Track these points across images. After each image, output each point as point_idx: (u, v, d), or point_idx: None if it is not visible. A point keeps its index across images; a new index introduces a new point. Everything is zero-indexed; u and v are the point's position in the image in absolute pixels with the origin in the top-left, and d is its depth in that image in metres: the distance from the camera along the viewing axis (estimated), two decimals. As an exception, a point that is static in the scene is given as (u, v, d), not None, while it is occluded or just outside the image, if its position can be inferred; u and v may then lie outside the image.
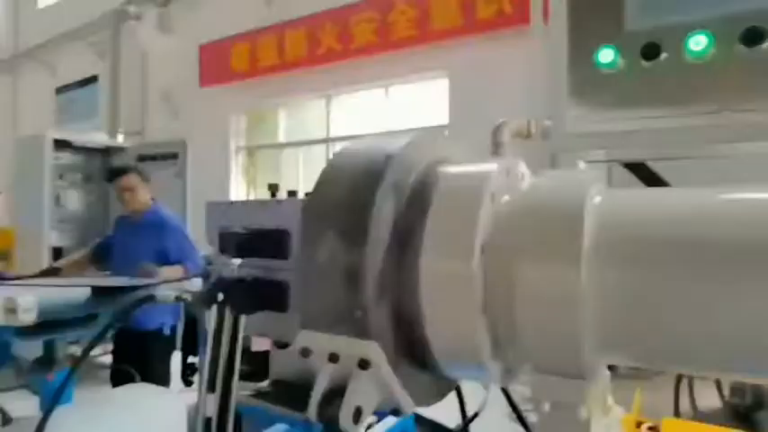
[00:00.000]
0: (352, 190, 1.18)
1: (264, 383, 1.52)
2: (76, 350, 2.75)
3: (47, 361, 2.38)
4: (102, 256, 3.17)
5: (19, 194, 5.30)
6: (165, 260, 2.82)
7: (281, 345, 1.38)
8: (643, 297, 0.90)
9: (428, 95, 6.92)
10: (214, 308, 1.29)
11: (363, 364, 1.11)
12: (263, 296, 1.31)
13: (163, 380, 2.91)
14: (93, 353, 2.72)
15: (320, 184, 1.25)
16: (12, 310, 1.88)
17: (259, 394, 1.42)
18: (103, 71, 10.08)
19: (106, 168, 5.82)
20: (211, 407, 1.24)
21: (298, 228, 1.30)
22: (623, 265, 0.97)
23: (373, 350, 1.10)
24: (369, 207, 1.14)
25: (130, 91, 9.53)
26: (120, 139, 7.46)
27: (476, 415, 1.66)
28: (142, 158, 5.48)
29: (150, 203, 3.01)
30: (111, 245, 3.13)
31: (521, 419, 1.76)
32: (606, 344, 0.98)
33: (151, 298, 1.33)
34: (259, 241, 1.34)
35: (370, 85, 7.14)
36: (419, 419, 1.82)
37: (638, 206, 1.03)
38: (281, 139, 8.32)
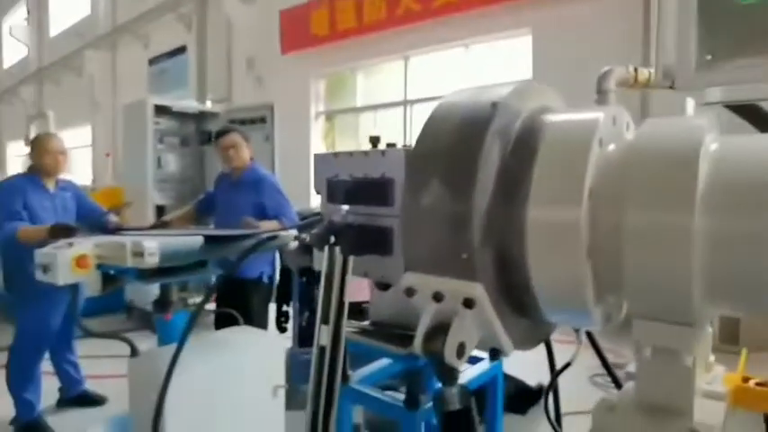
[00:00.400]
0: (458, 137, 1.23)
1: (365, 323, 1.63)
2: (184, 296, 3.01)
3: (163, 304, 2.66)
4: (204, 211, 3.44)
5: (125, 157, 5.79)
6: (262, 215, 3.02)
7: (383, 286, 1.47)
8: (756, 244, 0.89)
9: (510, 52, 6.69)
10: (326, 250, 1.39)
11: (468, 303, 1.17)
12: (370, 240, 1.40)
13: (261, 325, 3.16)
14: (199, 299, 3.00)
15: (424, 133, 1.30)
16: (139, 254, 2.11)
17: (362, 332, 1.54)
18: (191, 41, 10.59)
19: (200, 132, 6.21)
20: (325, 337, 1.36)
21: (402, 176, 1.37)
22: (737, 211, 0.95)
23: (478, 290, 1.16)
24: (476, 153, 1.18)
25: (217, 59, 9.97)
26: (209, 105, 7.87)
27: (568, 365, 1.69)
28: (232, 122, 5.78)
29: (249, 162, 3.21)
30: (212, 201, 3.38)
31: (608, 369, 1.77)
32: (715, 290, 0.98)
33: (274, 238, 1.46)
34: (365, 189, 1.42)
35: (449, 45, 7.02)
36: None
37: (754, 153, 0.99)
38: (359, 103, 8.41)
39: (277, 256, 3.29)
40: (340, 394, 1.52)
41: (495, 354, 1.28)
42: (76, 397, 3.44)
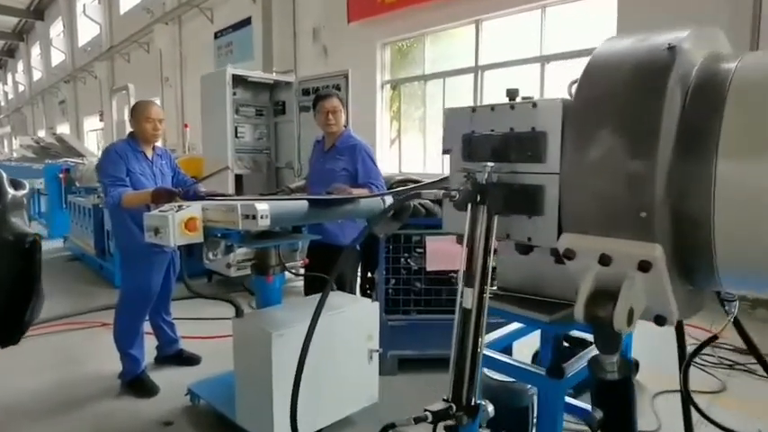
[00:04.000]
0: (635, 84, 1.11)
1: (493, 288, 1.57)
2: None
3: (262, 267, 2.71)
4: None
5: (204, 127, 5.93)
6: (354, 181, 3.00)
7: (524, 249, 1.40)
8: None
9: (591, 15, 6.30)
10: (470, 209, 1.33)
11: (644, 266, 1.08)
12: (518, 199, 1.33)
13: (352, 291, 3.19)
14: (290, 264, 3.04)
15: (589, 82, 1.19)
16: (251, 217, 2.14)
17: (498, 297, 1.48)
18: (256, 13, 10.64)
19: (274, 102, 6.26)
20: (469, 299, 1.31)
21: (555, 129, 1.28)
22: None
23: (658, 252, 1.07)
24: (660, 102, 1.07)
25: (282, 31, 9.99)
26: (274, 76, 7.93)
27: (714, 337, 1.57)
28: (306, 92, 5.78)
29: (344, 129, 3.19)
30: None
31: (754, 351, 1.63)
32: None
33: (417, 195, 1.41)
34: (513, 145, 1.34)
35: (525, 8, 6.69)
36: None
37: None
38: (426, 71, 8.23)
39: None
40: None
41: (661, 321, 1.19)
42: (173, 355, 3.60)
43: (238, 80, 5.72)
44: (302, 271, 3.32)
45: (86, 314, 4.69)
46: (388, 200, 2.65)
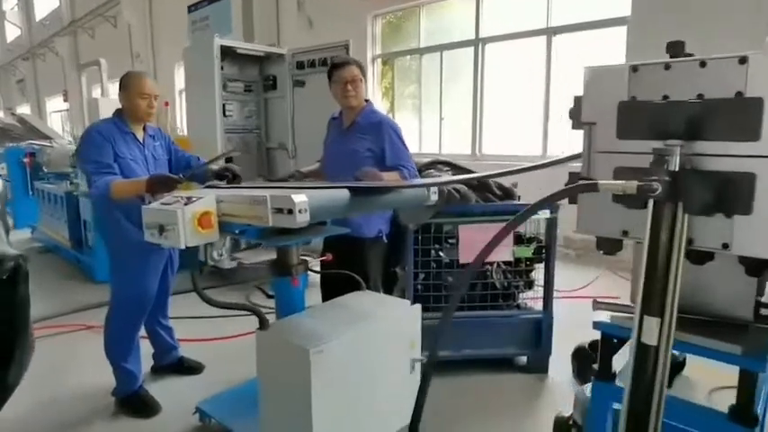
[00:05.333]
0: None
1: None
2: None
3: (283, 266, 2.30)
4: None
5: (189, 105, 5.40)
6: (381, 164, 2.60)
7: (699, 257, 1.05)
8: None
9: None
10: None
11: None
12: (715, 192, 0.97)
13: (377, 287, 2.81)
14: (315, 261, 2.63)
15: None
16: (287, 212, 1.73)
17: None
18: (234, -17, 9.94)
19: (264, 77, 5.74)
20: (654, 333, 0.94)
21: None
22: None
23: None
24: None
25: (263, 1, 9.34)
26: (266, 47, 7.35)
27: None
28: (300, 66, 5.29)
29: (365, 103, 2.76)
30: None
31: None
32: None
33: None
34: (710, 116, 0.97)
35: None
36: None
37: None
38: (422, 44, 7.78)
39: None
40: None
41: None
42: (172, 364, 3.19)
43: (225, 53, 5.18)
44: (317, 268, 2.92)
45: (68, 315, 4.20)
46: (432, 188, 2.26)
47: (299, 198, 1.70)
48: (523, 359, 3.19)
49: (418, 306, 2.36)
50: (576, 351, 3.11)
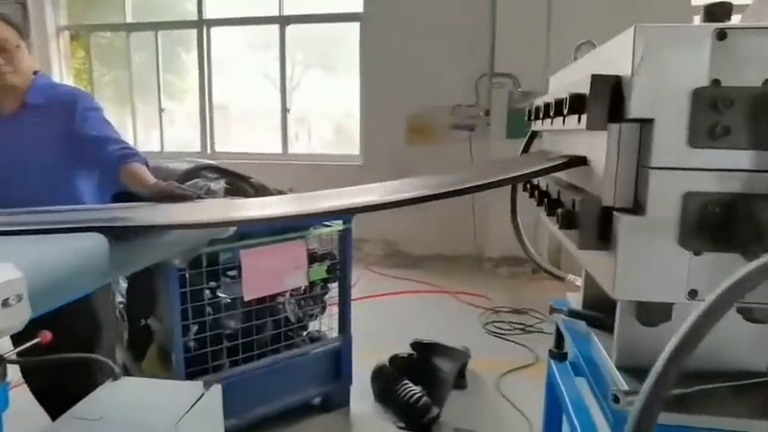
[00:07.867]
0: None
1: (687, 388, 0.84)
2: None
3: None
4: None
5: None
6: (75, 156, 1.69)
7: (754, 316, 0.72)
8: None
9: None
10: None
11: None
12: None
13: (111, 354, 1.87)
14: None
15: None
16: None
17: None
18: None
19: None
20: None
21: None
22: None
23: None
24: None
25: None
26: None
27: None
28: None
29: (33, 76, 1.74)
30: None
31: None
32: None
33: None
34: None
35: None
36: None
37: None
38: (130, 19, 6.39)
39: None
40: None
41: None
42: None
43: None
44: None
45: None
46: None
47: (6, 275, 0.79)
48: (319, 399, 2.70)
49: (217, 388, 1.58)
50: (375, 372, 2.79)
